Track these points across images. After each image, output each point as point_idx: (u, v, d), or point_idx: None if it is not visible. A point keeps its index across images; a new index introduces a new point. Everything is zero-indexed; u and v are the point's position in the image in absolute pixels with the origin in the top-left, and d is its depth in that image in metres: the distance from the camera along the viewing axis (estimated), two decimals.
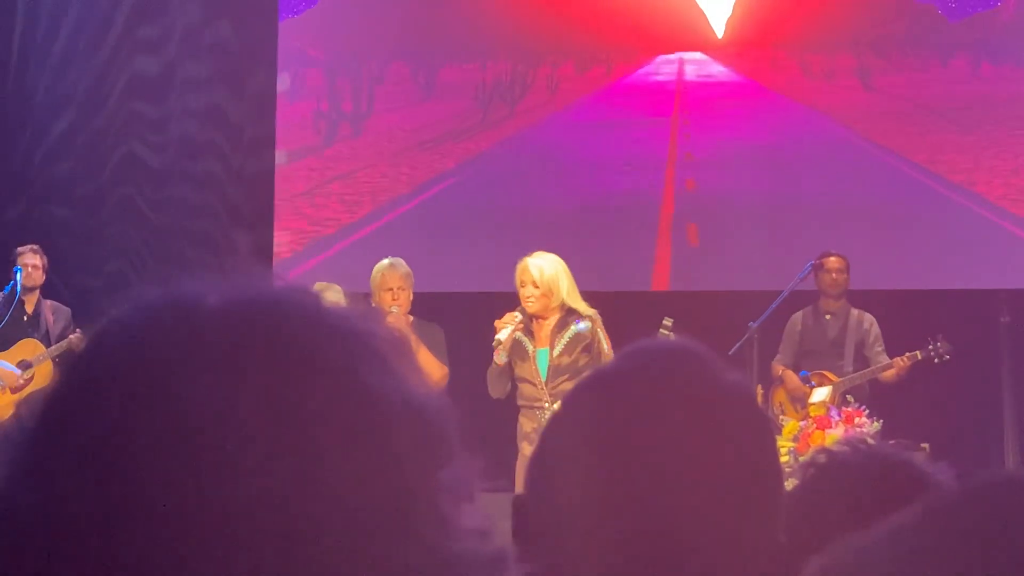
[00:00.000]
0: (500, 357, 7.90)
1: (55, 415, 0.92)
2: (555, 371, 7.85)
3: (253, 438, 0.88)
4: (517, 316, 7.86)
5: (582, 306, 7.91)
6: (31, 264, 9.97)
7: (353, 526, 0.89)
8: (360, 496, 0.89)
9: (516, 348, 7.91)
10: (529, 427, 7.91)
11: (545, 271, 7.87)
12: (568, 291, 7.89)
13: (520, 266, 7.94)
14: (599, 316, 7.91)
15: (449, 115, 11.70)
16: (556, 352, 7.87)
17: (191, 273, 0.96)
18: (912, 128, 11.14)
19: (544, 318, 7.88)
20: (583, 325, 7.88)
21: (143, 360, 0.91)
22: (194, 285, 0.95)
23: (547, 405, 7.80)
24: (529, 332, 7.89)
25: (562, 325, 7.88)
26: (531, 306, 7.84)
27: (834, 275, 9.45)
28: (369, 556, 0.89)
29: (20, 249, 10.03)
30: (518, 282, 7.91)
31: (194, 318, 0.93)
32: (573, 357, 7.84)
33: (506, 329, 7.83)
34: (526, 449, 7.87)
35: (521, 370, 7.92)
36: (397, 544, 0.90)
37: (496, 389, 8.04)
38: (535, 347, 7.89)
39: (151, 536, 0.87)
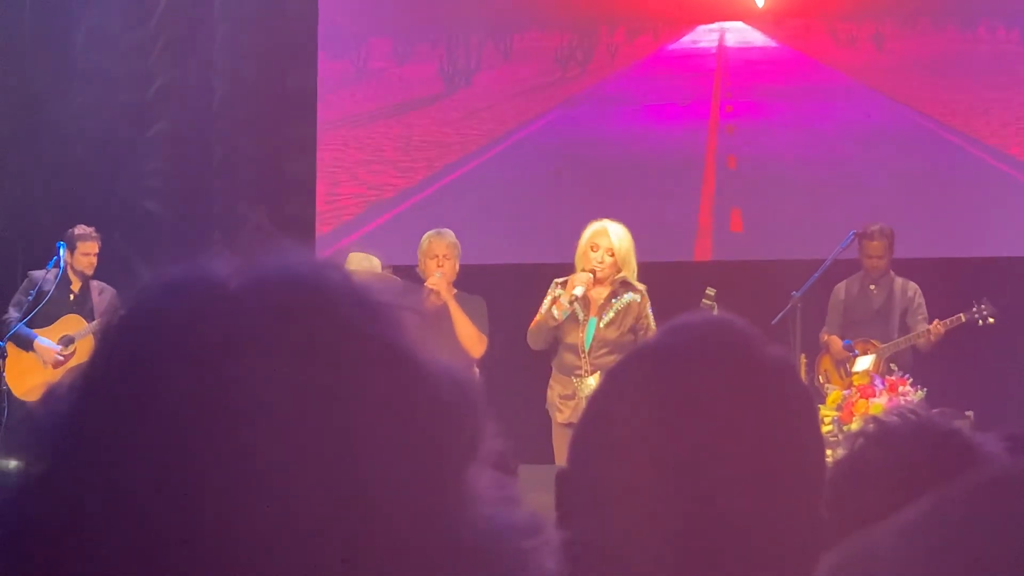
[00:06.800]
0: (562, 314, 7.83)
1: (87, 405, 0.91)
2: (599, 342, 7.82)
3: (298, 416, 0.88)
4: (590, 277, 7.81)
5: (635, 281, 7.89)
6: (92, 253, 9.93)
7: (404, 499, 0.88)
8: (410, 471, 0.89)
9: (570, 313, 7.86)
10: (561, 391, 7.90)
11: (624, 242, 7.83)
12: (633, 267, 7.87)
13: (597, 229, 7.86)
14: (647, 292, 7.88)
15: (491, 88, 11.67)
16: (604, 323, 7.84)
17: (229, 248, 0.95)
18: (954, 94, 11.05)
19: (600, 286, 7.84)
20: (632, 296, 7.84)
21: (174, 342, 0.90)
22: (223, 262, 0.94)
23: (585, 374, 7.77)
24: (584, 299, 7.86)
25: (613, 296, 7.86)
26: (600, 271, 7.79)
27: (874, 260, 9.42)
28: (419, 529, 0.88)
29: (78, 232, 9.92)
30: (588, 244, 7.83)
31: (224, 296, 0.92)
32: (620, 331, 7.81)
33: (581, 287, 7.77)
34: (558, 417, 7.87)
35: (568, 336, 7.89)
36: (446, 516, 0.89)
37: (540, 342, 7.99)
38: (586, 315, 7.87)
39: (194, 515, 0.86)
